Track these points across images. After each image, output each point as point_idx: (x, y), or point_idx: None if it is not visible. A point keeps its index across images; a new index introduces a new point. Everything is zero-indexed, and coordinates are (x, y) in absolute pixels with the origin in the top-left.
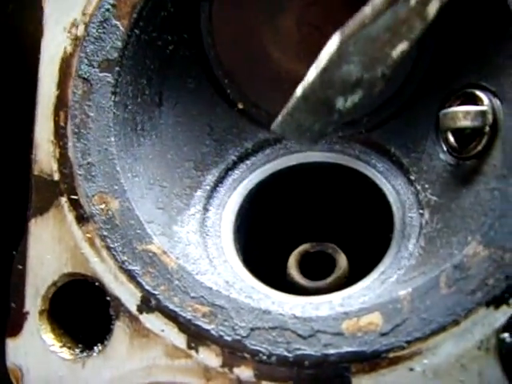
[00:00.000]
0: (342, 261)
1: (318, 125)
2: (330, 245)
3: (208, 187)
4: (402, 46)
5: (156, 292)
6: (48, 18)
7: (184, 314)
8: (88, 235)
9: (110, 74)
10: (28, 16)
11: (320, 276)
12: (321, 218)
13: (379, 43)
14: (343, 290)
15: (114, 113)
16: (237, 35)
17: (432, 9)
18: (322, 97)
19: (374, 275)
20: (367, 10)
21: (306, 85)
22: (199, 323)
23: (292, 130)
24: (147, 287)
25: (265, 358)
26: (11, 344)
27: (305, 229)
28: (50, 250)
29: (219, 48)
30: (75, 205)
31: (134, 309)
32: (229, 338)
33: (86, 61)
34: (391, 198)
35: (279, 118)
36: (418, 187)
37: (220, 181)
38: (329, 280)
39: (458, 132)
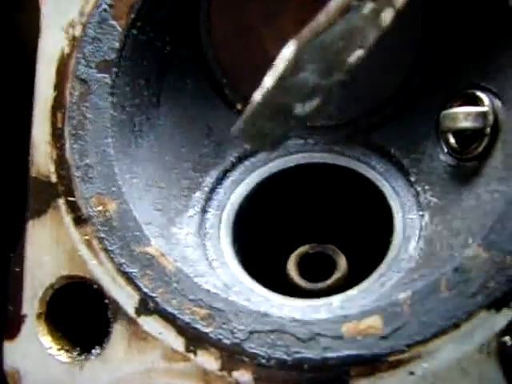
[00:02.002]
0: (342, 262)
1: (277, 130)
2: (330, 246)
3: (206, 189)
4: (357, 53)
5: (154, 295)
6: (45, 18)
7: (182, 317)
8: (86, 237)
9: (107, 75)
10: (27, 15)
11: (320, 278)
12: (320, 220)
13: (334, 50)
14: (343, 291)
15: (111, 114)
16: (235, 35)
17: (386, 17)
18: (279, 103)
19: (373, 278)
20: (321, 18)
21: (264, 91)
22: (197, 326)
23: (251, 135)
24: (145, 290)
25: (264, 361)
26: (9, 347)
27: (304, 230)
28: (48, 252)
29: (218, 48)
30: (73, 207)
31: (131, 311)
32: (227, 342)
33: (83, 61)
34: (391, 199)
35: (238, 123)
36: (418, 189)
37: (219, 182)
38: (328, 282)
39: (459, 133)
